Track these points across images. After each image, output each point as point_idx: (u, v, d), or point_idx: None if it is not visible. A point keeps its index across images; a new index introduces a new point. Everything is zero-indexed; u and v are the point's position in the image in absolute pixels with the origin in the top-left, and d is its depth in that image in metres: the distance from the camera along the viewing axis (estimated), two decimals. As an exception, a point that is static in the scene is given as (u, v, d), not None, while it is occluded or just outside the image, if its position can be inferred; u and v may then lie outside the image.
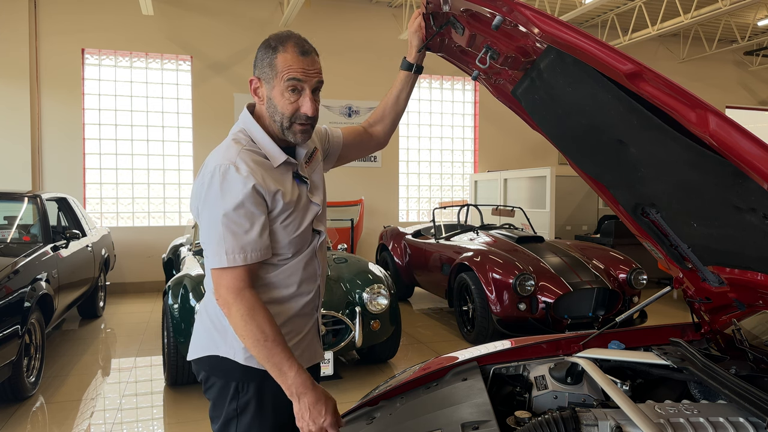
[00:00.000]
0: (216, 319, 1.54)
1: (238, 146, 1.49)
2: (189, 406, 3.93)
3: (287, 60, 1.48)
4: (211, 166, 1.46)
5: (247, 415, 1.53)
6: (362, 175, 9.82)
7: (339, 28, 9.58)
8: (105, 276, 7.05)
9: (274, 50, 1.49)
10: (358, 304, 4.30)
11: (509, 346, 1.94)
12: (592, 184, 1.78)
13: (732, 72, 12.38)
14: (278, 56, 1.48)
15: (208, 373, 1.56)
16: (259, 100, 1.56)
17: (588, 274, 5.22)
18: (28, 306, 3.90)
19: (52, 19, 8.26)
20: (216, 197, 1.43)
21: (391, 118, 1.94)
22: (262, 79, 1.53)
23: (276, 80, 1.49)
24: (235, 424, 1.53)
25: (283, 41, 1.50)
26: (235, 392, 1.52)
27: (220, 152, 1.49)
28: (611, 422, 1.26)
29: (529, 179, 8.76)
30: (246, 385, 1.52)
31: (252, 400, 1.52)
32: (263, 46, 1.52)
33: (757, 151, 0.95)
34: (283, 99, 1.49)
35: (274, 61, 1.49)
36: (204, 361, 1.56)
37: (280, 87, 1.49)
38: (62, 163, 8.36)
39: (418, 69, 1.89)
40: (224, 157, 1.46)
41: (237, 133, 1.55)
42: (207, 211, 1.46)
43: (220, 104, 9.02)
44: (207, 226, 1.47)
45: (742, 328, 1.66)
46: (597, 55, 1.10)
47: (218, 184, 1.43)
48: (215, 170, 1.44)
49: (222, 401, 1.54)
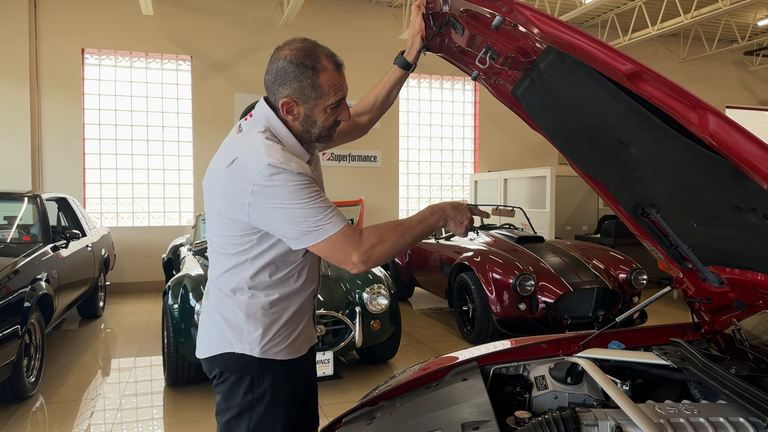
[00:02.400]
0: (231, 318, 1.57)
1: (277, 145, 1.49)
2: (189, 406, 3.93)
3: (330, 79, 1.51)
4: (260, 166, 1.42)
5: (261, 406, 1.57)
6: (362, 175, 9.82)
7: (339, 28, 9.58)
8: (105, 276, 7.05)
9: (313, 71, 1.49)
10: (358, 304, 4.30)
11: (509, 346, 1.94)
12: (592, 184, 1.78)
13: (732, 72, 12.38)
14: (321, 76, 1.50)
15: (223, 369, 1.59)
16: (293, 118, 1.55)
17: (588, 274, 5.22)
18: (28, 306, 3.90)
19: (52, 19, 8.26)
20: (282, 194, 1.42)
21: (380, 111, 1.99)
22: (300, 100, 1.52)
23: (320, 99, 1.52)
24: (249, 415, 1.57)
25: (316, 58, 1.50)
26: (250, 385, 1.56)
27: (261, 151, 1.45)
28: (611, 422, 1.26)
29: (529, 179, 8.76)
30: (262, 377, 1.57)
31: (267, 392, 1.57)
32: (296, 66, 1.49)
33: (757, 151, 0.95)
34: (325, 115, 1.54)
35: (317, 82, 1.50)
36: (218, 358, 1.59)
37: (323, 105, 1.52)
38: (62, 163, 8.36)
39: (413, 67, 1.92)
40: (270, 156, 1.44)
41: (264, 131, 1.52)
42: (276, 206, 1.43)
43: (220, 104, 9.02)
44: (282, 223, 1.44)
45: (742, 328, 1.66)
46: (597, 56, 1.10)
47: (280, 181, 1.41)
48: (266, 170, 1.42)
49: (235, 394, 1.58)
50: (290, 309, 1.60)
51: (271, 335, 1.56)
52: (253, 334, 1.54)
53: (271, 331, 1.57)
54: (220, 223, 1.56)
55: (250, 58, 9.16)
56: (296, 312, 1.62)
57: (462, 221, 1.59)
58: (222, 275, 1.59)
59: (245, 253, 1.54)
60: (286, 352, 1.59)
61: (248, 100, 9.35)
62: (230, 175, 1.48)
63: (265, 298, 1.56)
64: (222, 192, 1.52)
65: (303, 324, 1.65)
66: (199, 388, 4.25)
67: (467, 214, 1.60)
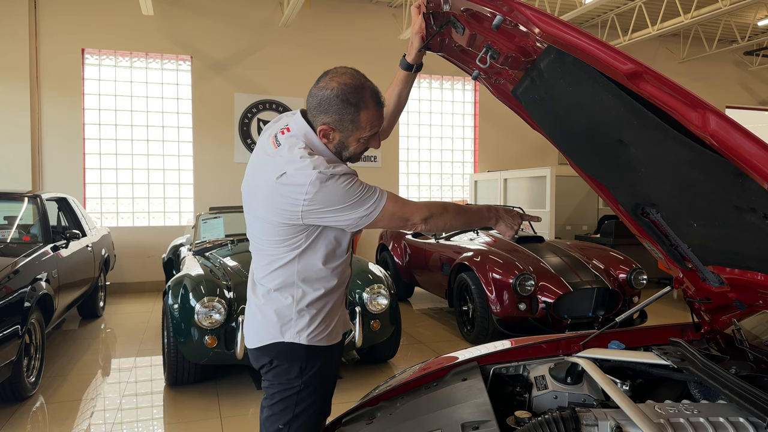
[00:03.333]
0: (281, 311, 1.69)
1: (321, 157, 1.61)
2: (189, 406, 3.93)
3: (370, 117, 1.64)
4: (311, 176, 1.54)
5: (305, 393, 1.71)
6: (362, 175, 9.66)
7: (339, 28, 9.58)
8: (105, 276, 7.05)
9: (356, 108, 1.61)
10: (358, 304, 4.30)
11: (509, 346, 1.95)
12: (592, 184, 1.78)
13: (732, 72, 12.38)
14: (362, 114, 1.62)
15: (273, 358, 1.71)
16: (329, 141, 1.67)
17: (588, 274, 5.22)
18: (28, 306, 3.90)
19: (52, 19, 8.26)
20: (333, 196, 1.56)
21: (393, 116, 2.06)
22: (338, 130, 1.64)
23: (356, 132, 1.65)
24: (295, 399, 1.70)
25: (361, 96, 1.61)
26: (299, 371, 1.70)
27: (308, 164, 1.56)
28: (611, 422, 1.26)
29: (529, 179, 8.76)
30: (309, 364, 1.70)
31: (315, 377, 1.71)
32: (342, 101, 1.60)
33: (758, 150, 0.95)
34: (357, 144, 1.68)
35: (357, 118, 1.62)
36: (269, 347, 1.71)
37: (358, 136, 1.65)
38: (62, 163, 8.36)
39: (417, 68, 1.96)
40: (317, 167, 1.56)
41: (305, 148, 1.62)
42: (333, 206, 1.58)
43: (220, 104, 9.02)
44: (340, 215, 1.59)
45: (742, 328, 1.66)
46: (597, 55, 1.10)
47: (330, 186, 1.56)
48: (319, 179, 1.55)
49: (285, 380, 1.71)
50: (332, 301, 1.74)
51: (316, 324, 1.70)
52: (300, 324, 1.68)
53: (317, 321, 1.70)
54: (266, 228, 1.67)
55: (250, 58, 9.16)
56: (336, 302, 1.77)
57: (512, 225, 1.78)
58: (270, 273, 1.71)
59: (292, 252, 1.66)
60: (327, 339, 1.73)
61: (248, 100, 9.38)
62: (280, 188, 1.58)
63: (314, 292, 1.69)
64: (270, 203, 1.62)
65: (340, 312, 1.80)
66: (199, 388, 4.25)
67: (518, 220, 1.80)
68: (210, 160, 8.99)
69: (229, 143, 9.05)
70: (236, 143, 9.08)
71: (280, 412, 1.70)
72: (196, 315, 3.88)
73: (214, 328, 3.88)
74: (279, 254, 1.67)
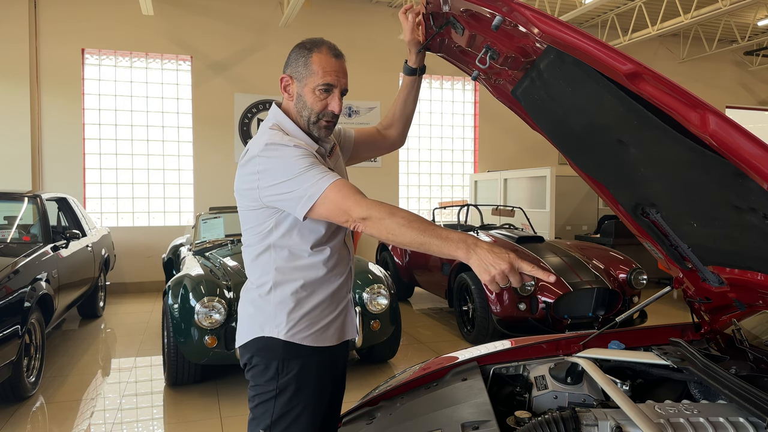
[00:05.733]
0: (260, 305, 1.65)
1: (281, 132, 1.61)
2: (189, 406, 3.94)
3: (321, 60, 1.61)
4: (258, 148, 1.56)
5: (285, 396, 1.61)
6: (362, 175, 9.82)
7: (339, 28, 9.58)
8: (105, 276, 7.05)
9: (309, 50, 1.62)
10: (358, 304, 4.30)
11: (509, 346, 1.95)
12: (592, 184, 1.78)
13: (732, 72, 12.38)
14: (313, 56, 1.61)
15: (253, 354, 1.65)
16: (288, 96, 1.68)
17: (588, 274, 5.22)
18: (28, 306, 3.90)
19: (52, 19, 8.26)
20: (278, 166, 1.51)
21: (403, 121, 2.07)
22: (294, 77, 1.65)
23: (309, 79, 1.61)
24: (273, 404, 1.61)
25: (318, 44, 1.64)
26: (275, 373, 1.61)
27: (263, 137, 1.59)
28: (611, 422, 1.26)
29: (529, 179, 8.76)
30: (287, 364, 1.61)
31: (295, 381, 1.61)
32: (297, 47, 1.66)
33: (757, 151, 0.95)
34: (314, 96, 1.62)
35: (309, 61, 1.61)
36: (250, 343, 1.65)
37: (312, 85, 1.61)
38: (62, 163, 8.36)
39: (421, 71, 1.97)
40: (271, 138, 1.56)
41: (271, 126, 1.64)
42: (277, 180, 1.51)
43: (220, 104, 9.02)
44: (284, 190, 1.51)
45: (742, 328, 1.66)
46: (596, 56, 1.10)
47: (276, 155, 1.52)
48: (266, 149, 1.54)
49: (262, 381, 1.63)
50: (316, 297, 1.65)
51: (296, 320, 1.62)
52: (279, 318, 1.62)
53: (296, 316, 1.62)
54: (242, 217, 1.67)
55: (250, 58, 9.16)
56: (324, 301, 1.66)
57: (489, 267, 1.25)
58: (250, 266, 1.69)
59: (265, 239, 1.63)
60: (311, 339, 1.63)
61: (248, 100, 9.38)
62: (241, 168, 1.61)
63: (291, 283, 1.63)
64: (239, 188, 1.63)
65: (334, 315, 1.69)
66: (199, 388, 4.25)
67: (503, 265, 1.24)
68: (210, 160, 8.99)
69: (229, 143, 9.05)
70: (236, 143, 9.08)
71: (261, 416, 1.62)
72: (196, 315, 3.88)
73: (214, 328, 3.88)
74: (255, 243, 1.65)
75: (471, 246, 1.30)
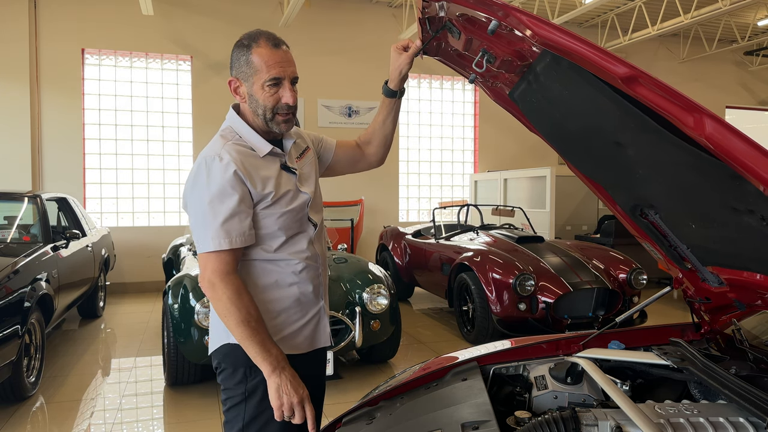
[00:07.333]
0: None
1: (223, 140, 1.60)
2: (189, 406, 3.94)
3: (262, 54, 1.56)
4: (199, 160, 1.58)
5: (254, 399, 1.60)
6: (362, 175, 9.82)
7: (339, 28, 9.58)
8: (105, 276, 7.06)
9: (247, 47, 1.58)
10: (358, 304, 4.30)
11: (509, 346, 1.95)
12: (590, 186, 1.78)
13: (732, 72, 12.38)
14: (253, 52, 1.57)
15: (220, 361, 1.65)
16: (241, 98, 1.64)
17: (588, 274, 5.22)
18: (28, 306, 3.90)
19: (52, 18, 8.26)
20: (202, 186, 1.53)
21: (380, 140, 1.98)
22: (241, 78, 1.61)
23: (255, 77, 1.57)
24: (244, 407, 1.60)
25: (254, 38, 1.58)
26: (243, 377, 1.60)
27: (207, 147, 1.61)
28: (611, 422, 1.26)
29: (529, 179, 8.76)
30: (254, 369, 1.58)
31: (260, 385, 1.58)
32: (237, 46, 1.61)
33: (754, 154, 0.96)
34: (264, 92, 1.58)
35: (250, 58, 1.57)
36: (219, 350, 1.65)
37: (259, 82, 1.57)
38: (62, 163, 8.37)
39: (401, 93, 1.91)
40: (210, 150, 1.58)
41: (223, 130, 1.66)
42: (193, 200, 1.56)
43: (220, 104, 9.01)
44: (194, 214, 1.56)
45: (742, 328, 1.66)
46: (592, 59, 1.10)
47: (204, 174, 1.54)
48: (201, 162, 1.56)
49: (231, 386, 1.62)
50: (279, 303, 1.63)
51: None
52: None
53: None
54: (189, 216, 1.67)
55: (250, 58, 9.16)
56: (289, 308, 1.65)
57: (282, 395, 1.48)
58: None
59: None
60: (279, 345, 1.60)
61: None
62: (189, 174, 1.64)
63: (252, 289, 1.60)
64: (184, 189, 1.65)
65: (302, 322, 1.68)
66: (199, 388, 4.25)
67: (294, 398, 1.49)
68: (210, 160, 8.98)
69: (229, 143, 9.05)
70: (236, 143, 9.07)
71: (233, 419, 1.61)
72: (196, 315, 3.89)
73: (214, 328, 3.88)
74: None
75: (278, 369, 1.49)
